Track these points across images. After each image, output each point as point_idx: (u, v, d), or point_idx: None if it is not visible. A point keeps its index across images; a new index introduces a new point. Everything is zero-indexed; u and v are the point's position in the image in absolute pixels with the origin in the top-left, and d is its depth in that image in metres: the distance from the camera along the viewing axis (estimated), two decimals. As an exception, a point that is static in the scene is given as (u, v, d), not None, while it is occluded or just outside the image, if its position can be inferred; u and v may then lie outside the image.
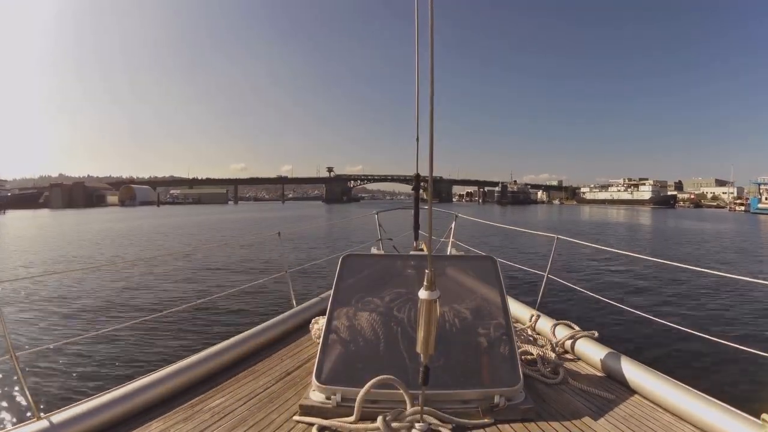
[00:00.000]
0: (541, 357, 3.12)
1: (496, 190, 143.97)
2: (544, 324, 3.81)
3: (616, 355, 3.06)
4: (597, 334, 3.41)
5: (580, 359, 3.33)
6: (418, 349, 2.10)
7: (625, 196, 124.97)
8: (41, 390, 5.15)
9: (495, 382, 2.54)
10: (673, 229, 35.31)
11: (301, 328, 3.90)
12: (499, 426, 2.34)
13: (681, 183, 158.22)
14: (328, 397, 2.42)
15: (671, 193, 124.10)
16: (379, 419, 2.20)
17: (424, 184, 5.07)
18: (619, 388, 2.84)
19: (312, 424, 2.32)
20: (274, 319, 3.84)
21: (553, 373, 2.98)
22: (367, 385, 2.27)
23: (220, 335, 5.35)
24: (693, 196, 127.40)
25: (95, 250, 20.28)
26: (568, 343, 3.45)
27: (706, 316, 8.82)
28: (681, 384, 2.63)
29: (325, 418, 2.35)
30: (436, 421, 2.27)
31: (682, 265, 3.69)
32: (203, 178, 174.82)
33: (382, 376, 2.29)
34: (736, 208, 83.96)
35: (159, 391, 2.63)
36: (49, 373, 5.66)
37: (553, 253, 4.01)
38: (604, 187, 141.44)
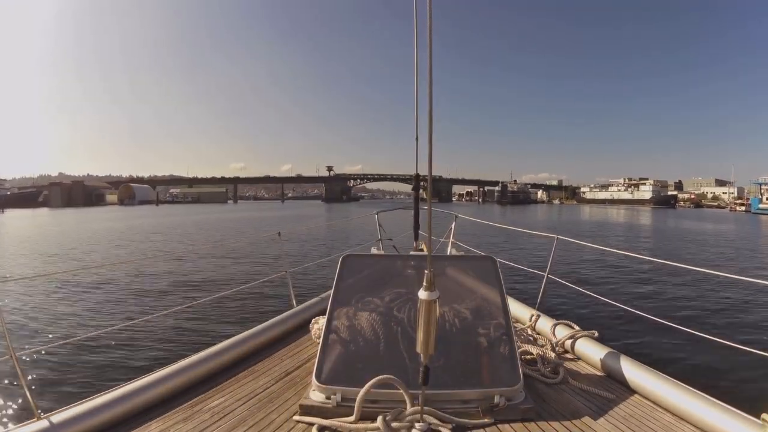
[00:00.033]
0: (541, 357, 3.12)
1: (496, 189, 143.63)
2: (544, 324, 3.81)
3: (616, 354, 3.06)
4: (597, 334, 3.41)
5: (580, 359, 3.33)
6: (418, 349, 2.10)
7: (626, 195, 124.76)
8: (41, 390, 5.14)
9: (495, 382, 2.54)
10: (677, 229, 35.15)
11: (301, 328, 3.90)
12: (499, 426, 2.34)
13: (681, 183, 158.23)
14: (328, 397, 2.42)
15: (672, 193, 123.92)
16: (379, 419, 2.20)
17: (423, 183, 5.06)
18: (619, 388, 2.84)
19: (312, 424, 2.32)
20: (274, 319, 3.84)
21: (553, 373, 2.98)
22: (367, 385, 2.27)
23: (220, 335, 5.35)
24: (693, 196, 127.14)
25: (90, 252, 20.28)
26: (568, 342, 3.45)
27: (706, 316, 8.82)
28: (681, 384, 2.63)
29: (325, 418, 2.35)
30: (436, 421, 2.27)
31: (682, 265, 3.69)
32: (203, 177, 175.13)
33: (382, 376, 2.29)
34: (736, 209, 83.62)
35: (159, 391, 2.63)
36: (49, 373, 5.66)
37: (553, 253, 4.01)
38: (604, 187, 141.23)
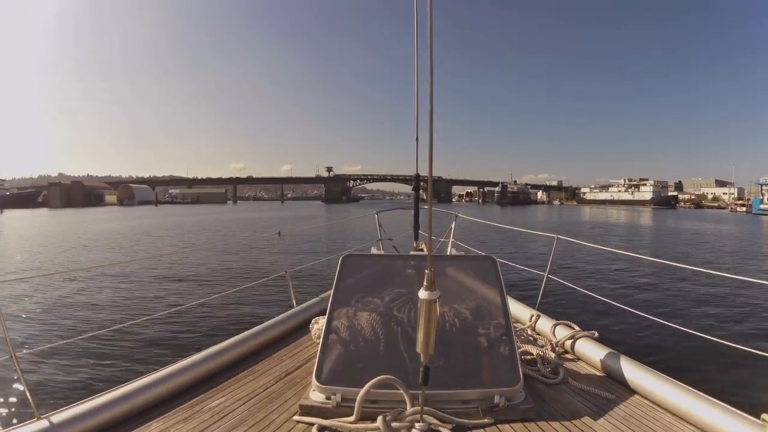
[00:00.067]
0: (541, 357, 3.12)
1: (496, 190, 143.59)
2: (544, 324, 3.81)
3: (616, 355, 3.06)
4: (597, 334, 3.41)
5: (580, 359, 3.33)
6: (418, 349, 2.10)
7: (626, 196, 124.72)
8: (41, 390, 5.14)
9: (495, 382, 2.54)
10: (680, 230, 35.02)
11: (301, 328, 3.90)
12: (499, 426, 2.34)
13: (681, 183, 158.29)
14: (328, 397, 2.42)
15: (672, 193, 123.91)
16: (379, 419, 2.20)
17: (423, 184, 5.06)
18: (619, 388, 2.84)
19: (312, 424, 2.32)
20: (274, 319, 3.84)
21: (553, 373, 2.98)
22: (367, 385, 2.27)
23: (219, 335, 5.34)
24: (693, 197, 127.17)
25: (90, 252, 20.27)
26: (568, 343, 3.44)
27: (706, 316, 8.82)
28: (681, 384, 2.62)
29: (325, 418, 2.34)
30: (436, 421, 2.27)
31: (682, 265, 3.70)
32: (202, 177, 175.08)
33: (382, 376, 2.29)
34: (737, 209, 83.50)
35: (159, 391, 2.63)
36: (49, 373, 5.66)
37: (553, 253, 4.01)
38: (604, 188, 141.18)
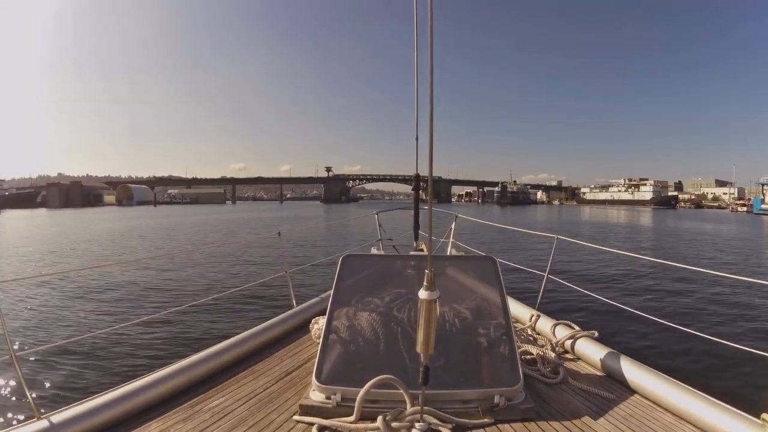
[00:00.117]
0: (541, 357, 3.12)
1: (496, 190, 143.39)
2: (544, 324, 3.81)
3: (616, 355, 3.06)
4: (597, 334, 3.42)
5: (580, 359, 3.34)
6: (418, 349, 2.10)
7: (626, 196, 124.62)
8: (41, 390, 5.15)
9: (495, 382, 2.54)
10: (680, 231, 34.92)
11: (301, 328, 3.90)
12: (499, 426, 2.35)
13: (681, 183, 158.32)
14: (328, 397, 2.43)
15: (672, 193, 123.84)
16: (379, 419, 2.20)
17: (423, 184, 5.06)
18: (619, 388, 2.85)
19: (312, 424, 2.32)
20: (274, 319, 3.84)
21: (553, 373, 2.99)
22: (367, 385, 2.27)
23: (220, 335, 5.35)
24: (694, 197, 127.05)
25: (89, 252, 20.26)
26: (568, 343, 3.45)
27: (706, 316, 8.82)
28: (681, 384, 2.63)
29: (325, 418, 2.35)
30: (436, 421, 2.27)
31: (682, 266, 3.69)
32: (201, 177, 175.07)
33: (382, 376, 2.30)
34: (738, 209, 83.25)
35: (159, 391, 2.63)
36: (49, 373, 5.66)
37: (553, 253, 4.01)
38: (604, 188, 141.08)
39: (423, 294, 2.04)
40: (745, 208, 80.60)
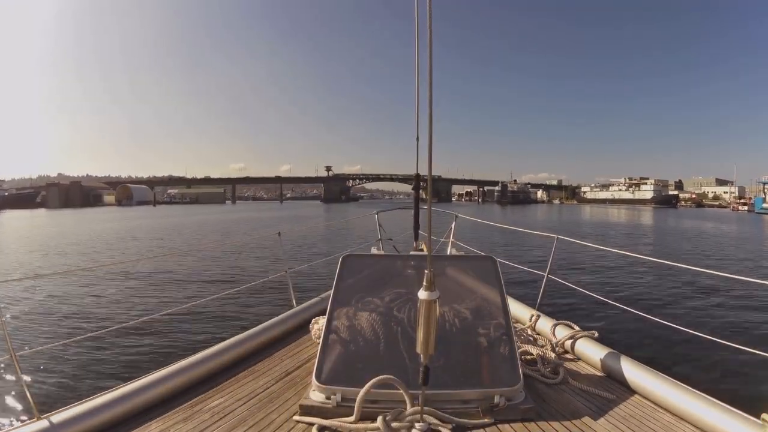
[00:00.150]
0: (541, 357, 3.12)
1: (496, 189, 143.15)
2: (544, 324, 3.81)
3: (616, 355, 3.06)
4: (597, 334, 3.41)
5: (580, 359, 3.34)
6: (418, 349, 2.10)
7: (627, 195, 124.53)
8: (41, 390, 5.15)
9: (495, 382, 2.54)
10: (682, 230, 34.87)
11: (301, 328, 3.90)
12: (499, 426, 2.35)
13: (681, 182, 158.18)
14: (328, 397, 2.43)
15: (673, 192, 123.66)
16: (379, 419, 2.20)
17: (424, 183, 5.06)
18: (619, 388, 2.85)
19: (312, 424, 2.32)
20: (274, 319, 3.84)
21: (553, 373, 2.99)
22: (367, 385, 2.27)
23: (220, 335, 5.35)
24: (694, 196, 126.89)
25: (89, 253, 20.27)
26: (568, 343, 3.45)
27: (706, 316, 8.82)
28: (681, 384, 2.63)
29: (325, 418, 2.35)
30: (436, 421, 2.27)
31: (682, 265, 3.68)
32: (201, 177, 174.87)
33: (382, 376, 2.29)
34: (739, 208, 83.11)
35: (159, 391, 2.63)
36: (49, 373, 5.66)
37: (553, 253, 4.01)
38: (605, 187, 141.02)
39: (423, 294, 2.03)
40: (746, 207, 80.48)
